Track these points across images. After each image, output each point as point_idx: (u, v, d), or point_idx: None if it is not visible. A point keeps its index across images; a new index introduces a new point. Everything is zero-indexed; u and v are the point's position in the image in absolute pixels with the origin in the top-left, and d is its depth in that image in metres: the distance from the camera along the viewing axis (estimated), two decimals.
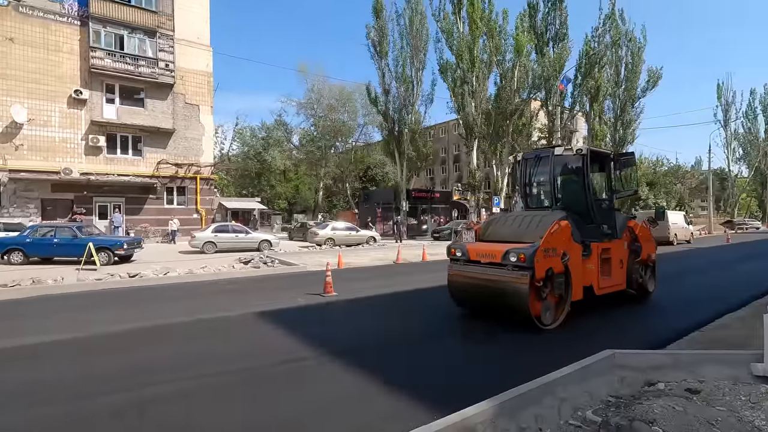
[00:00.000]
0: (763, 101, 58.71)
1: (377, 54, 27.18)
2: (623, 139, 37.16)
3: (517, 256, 5.72)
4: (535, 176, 7.82)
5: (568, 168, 7.45)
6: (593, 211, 7.01)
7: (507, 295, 5.85)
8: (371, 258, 17.01)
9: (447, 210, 33.07)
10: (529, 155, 7.92)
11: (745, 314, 6.83)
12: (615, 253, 7.22)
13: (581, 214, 6.85)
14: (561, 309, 6.19)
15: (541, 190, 8.00)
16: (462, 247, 6.72)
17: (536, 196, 8.02)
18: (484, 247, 6.55)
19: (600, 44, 31.16)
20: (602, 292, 6.92)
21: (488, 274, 6.14)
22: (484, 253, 6.36)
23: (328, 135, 43.64)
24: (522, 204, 8.07)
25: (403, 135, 27.87)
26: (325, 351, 4.99)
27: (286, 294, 8.72)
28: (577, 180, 7.25)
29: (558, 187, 7.43)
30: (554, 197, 7.35)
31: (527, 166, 7.77)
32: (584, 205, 7.01)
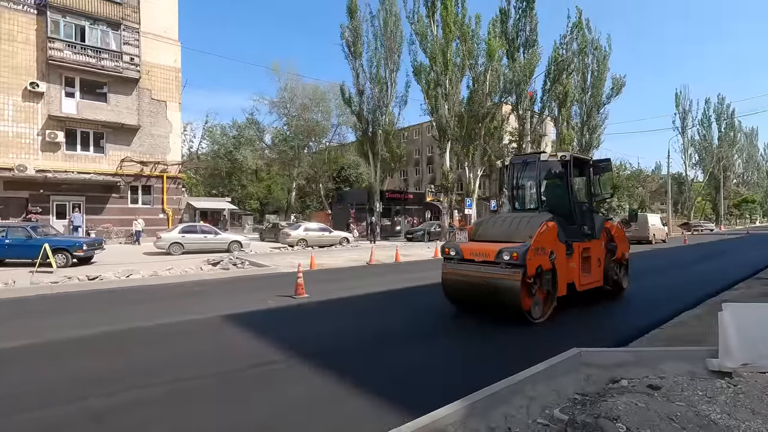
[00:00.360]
0: (716, 110, 62.28)
1: (351, 54, 27.08)
2: (589, 144, 38.48)
3: (510, 254, 6.10)
4: (522, 180, 8.27)
5: (552, 173, 7.90)
6: (575, 213, 7.51)
7: (500, 291, 6.18)
8: (344, 259, 16.88)
9: (420, 211, 33.29)
10: (516, 160, 8.32)
11: (701, 312, 7.17)
12: (594, 252, 7.72)
13: (564, 216, 7.26)
14: (548, 304, 6.59)
15: (527, 192, 8.42)
16: (456, 247, 7.05)
17: (523, 199, 8.40)
18: (478, 246, 6.87)
19: (568, 51, 32.18)
20: (583, 288, 7.39)
21: (482, 271, 6.47)
22: (478, 252, 6.69)
23: (302, 135, 43.11)
24: (509, 206, 8.45)
25: (377, 136, 27.85)
26: (295, 353, 4.89)
27: (256, 296, 8.51)
28: (560, 184, 7.78)
29: (543, 190, 7.96)
30: (540, 200, 7.87)
31: (515, 170, 8.16)
32: (567, 207, 7.50)
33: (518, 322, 6.15)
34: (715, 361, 3.97)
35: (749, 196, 73.45)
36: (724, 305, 4.11)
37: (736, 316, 3.97)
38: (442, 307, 7.77)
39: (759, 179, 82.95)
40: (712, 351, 4.20)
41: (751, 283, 10.29)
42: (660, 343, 5.45)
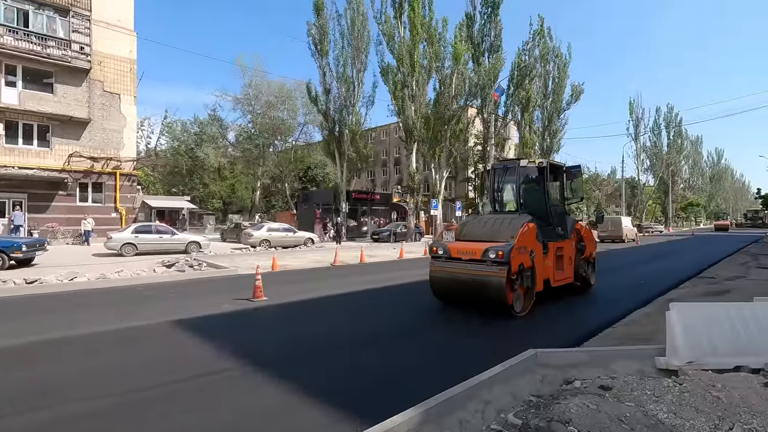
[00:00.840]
0: (666, 119, 66.16)
1: (318, 52, 26.69)
2: (550, 148, 39.84)
3: (495, 253, 6.59)
4: (502, 183, 8.92)
5: (530, 178, 8.60)
6: (550, 215, 8.18)
7: (487, 287, 6.65)
8: (308, 260, 16.57)
9: (387, 212, 33.29)
10: (497, 165, 9.00)
11: (651, 311, 7.46)
12: (566, 251, 8.35)
13: (541, 218, 7.83)
14: (528, 299, 7.11)
15: (507, 196, 9.02)
16: (444, 246, 7.44)
17: (503, 201, 8.98)
18: (464, 245, 7.28)
19: (530, 57, 33.13)
20: (557, 284, 7.97)
21: (469, 269, 6.92)
22: (465, 251, 7.11)
23: (267, 133, 42.12)
24: (490, 208, 9.02)
25: (343, 135, 27.58)
26: (248, 361, 4.65)
27: (212, 299, 8.13)
28: (537, 188, 8.42)
29: (522, 193, 8.52)
30: (519, 202, 8.45)
31: (496, 174, 8.83)
32: (543, 209, 8.15)
33: (493, 317, 6.16)
34: (662, 360, 4.09)
35: (694, 199, 78.50)
36: (671, 305, 4.24)
37: (681, 315, 4.10)
38: (407, 309, 7.72)
39: (703, 184, 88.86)
40: (660, 349, 4.33)
41: (695, 281, 10.87)
42: (613, 341, 5.60)
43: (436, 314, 7.33)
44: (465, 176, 44.05)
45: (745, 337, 4.05)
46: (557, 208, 8.61)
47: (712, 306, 4.28)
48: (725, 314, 4.16)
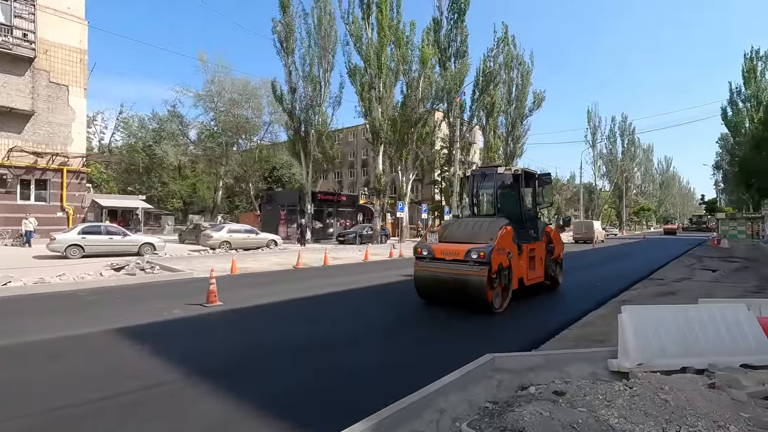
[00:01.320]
0: (621, 127, 69.71)
1: (284, 50, 26.14)
2: (513, 153, 40.94)
3: (477, 253, 7.01)
4: (480, 189, 9.52)
5: (505, 184, 9.14)
6: (524, 218, 8.80)
7: (469, 285, 7.07)
8: (270, 263, 16.11)
9: (353, 214, 33.04)
10: (476, 172, 9.52)
11: (605, 312, 7.67)
12: (538, 252, 8.97)
13: (516, 221, 8.31)
14: (506, 296, 7.60)
15: (485, 200, 9.62)
16: (428, 247, 7.83)
17: (481, 205, 9.55)
18: (448, 246, 7.67)
19: (495, 64, 33.92)
20: (529, 282, 8.55)
21: (452, 268, 7.34)
22: (449, 252, 7.51)
23: (230, 131, 40.82)
24: (469, 211, 9.53)
25: (309, 135, 27.15)
26: (193, 371, 4.34)
27: (161, 305, 7.65)
28: (513, 194, 9.06)
29: (498, 198, 9.11)
30: (496, 206, 9.04)
31: (475, 180, 9.38)
32: (518, 213, 8.74)
33: (464, 316, 6.09)
34: (614, 362, 4.14)
35: (646, 204, 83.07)
36: (623, 308, 4.31)
37: (632, 318, 4.18)
38: (370, 313, 7.56)
39: (653, 190, 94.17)
40: (612, 351, 4.40)
41: (646, 283, 11.35)
42: (569, 343, 5.67)
43: (404, 317, 7.22)
44: (431, 179, 44.52)
45: (691, 338, 4.17)
46: (530, 212, 9.24)
47: (661, 309, 4.39)
48: (673, 316, 4.27)
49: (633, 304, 8.46)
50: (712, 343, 4.19)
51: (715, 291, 9.81)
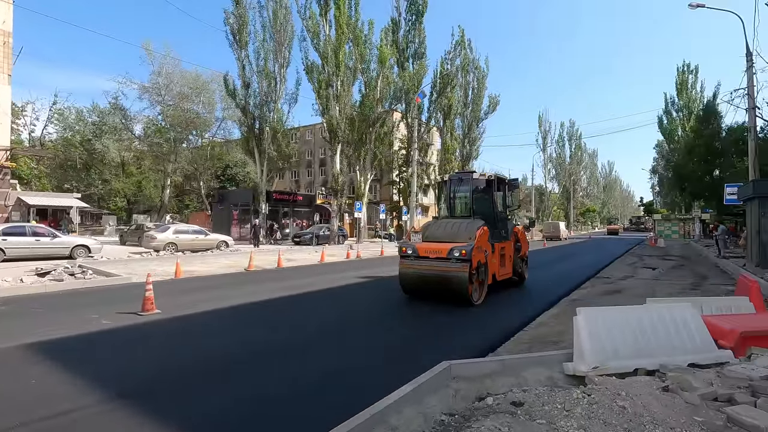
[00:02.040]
0: (569, 132, 73.30)
1: (236, 43, 25.03)
2: (469, 155, 41.80)
3: (459, 251, 7.64)
4: (457, 192, 10.15)
5: (479, 188, 9.81)
6: (496, 220, 9.52)
7: (451, 281, 7.73)
8: (220, 265, 15.27)
9: (310, 213, 32.31)
10: (453, 176, 10.18)
11: (558, 311, 7.76)
12: (507, 250, 9.71)
13: (489, 222, 8.90)
14: (482, 290, 8.29)
15: (460, 203, 10.22)
16: (412, 246, 8.41)
17: (456, 208, 10.18)
18: (431, 245, 8.28)
19: (452, 66, 34.41)
20: (500, 278, 9.23)
21: (436, 266, 7.95)
22: (432, 250, 8.12)
23: (179, 126, 38.67)
24: (446, 213, 10.21)
25: (264, 132, 26.18)
26: (115, 392, 3.81)
27: (89, 315, 6.88)
28: (486, 197, 9.82)
29: (473, 201, 9.75)
30: (471, 209, 9.64)
31: (452, 184, 10.04)
32: (491, 215, 9.44)
33: (430, 316, 5.83)
34: (570, 365, 4.06)
35: (591, 206, 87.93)
36: (578, 310, 4.25)
37: (587, 320, 4.12)
38: (323, 318, 7.18)
39: (598, 192, 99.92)
40: (567, 354, 4.33)
41: (594, 282, 11.75)
42: (524, 345, 5.61)
43: (360, 323, 6.89)
44: (390, 179, 44.53)
45: (643, 339, 4.17)
46: (501, 214, 10.01)
47: (614, 311, 4.37)
48: (625, 318, 4.26)
49: (583, 303, 8.70)
50: (662, 344, 4.22)
51: (657, 288, 10.30)
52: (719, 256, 18.10)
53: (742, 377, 3.48)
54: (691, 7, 17.18)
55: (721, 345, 4.54)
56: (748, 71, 16.29)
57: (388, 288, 10.73)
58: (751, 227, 14.05)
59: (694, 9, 17.18)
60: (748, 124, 16.84)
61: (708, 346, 4.35)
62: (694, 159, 31.19)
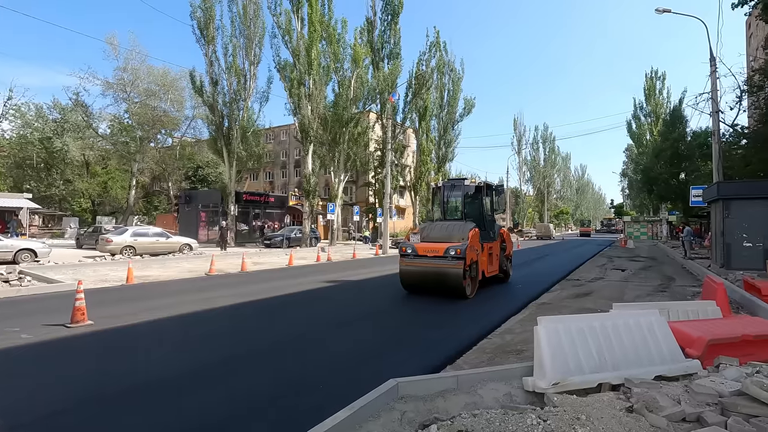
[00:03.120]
0: (543, 136, 74.58)
1: (203, 38, 24.08)
2: (445, 157, 41.79)
3: (455, 250, 8.53)
4: (450, 197, 11.13)
5: (470, 193, 10.72)
6: (485, 222, 10.53)
7: (448, 276, 8.61)
8: (180, 270, 14.47)
9: (282, 215, 31.49)
10: (447, 183, 11.42)
11: (525, 316, 7.46)
12: (494, 250, 10.68)
13: (479, 224, 9.88)
14: (474, 285, 9.20)
15: (453, 207, 11.14)
16: (411, 246, 9.26)
17: (450, 211, 11.06)
18: (429, 245, 9.11)
19: (427, 67, 34.26)
20: (489, 275, 10.17)
21: (433, 263, 8.81)
22: (430, 249, 8.96)
23: (147, 124, 37.13)
24: (440, 216, 11.09)
25: (233, 131, 25.29)
26: (20, 421, 3.21)
27: (9, 327, 6.13)
28: (476, 201, 10.77)
29: (465, 205, 10.73)
30: (463, 212, 10.68)
31: (445, 189, 11.09)
32: (480, 218, 10.46)
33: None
34: (529, 381, 3.70)
35: (564, 208, 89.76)
36: (539, 320, 3.90)
37: (548, 331, 3.77)
38: (274, 329, 6.64)
39: (571, 195, 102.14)
40: (528, 367, 3.98)
41: (564, 284, 11.58)
42: (486, 355, 5.25)
43: (317, 333, 6.38)
44: (365, 181, 44.06)
45: (607, 350, 3.86)
46: (489, 216, 10.95)
47: (577, 319, 4.04)
48: (589, 327, 3.93)
49: (551, 306, 8.47)
50: (628, 354, 3.91)
51: (626, 290, 10.20)
52: (685, 257, 18.41)
53: (711, 393, 3.18)
54: (658, 11, 17.42)
55: (689, 354, 4.29)
56: (711, 76, 16.61)
57: (351, 293, 10.30)
58: (715, 229, 14.25)
59: (660, 14, 17.41)
60: (711, 128, 17.18)
61: (675, 356, 4.07)
62: (661, 162, 31.97)
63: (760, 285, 7.86)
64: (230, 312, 7.75)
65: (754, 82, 16.27)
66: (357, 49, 27.12)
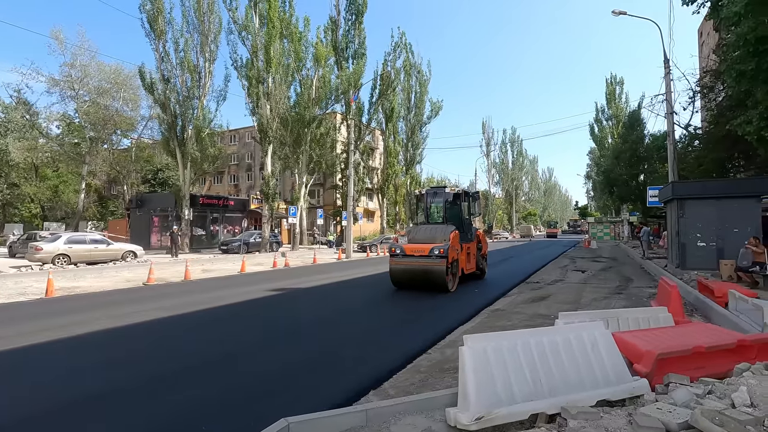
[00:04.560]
0: (511, 139, 75.75)
1: (153, 32, 22.69)
2: (413, 159, 41.50)
3: (438, 250, 9.64)
4: (432, 203, 12.22)
5: (450, 200, 11.85)
6: (464, 224, 11.63)
7: (433, 273, 9.74)
8: (117, 279, 13.30)
9: (243, 219, 30.20)
10: (429, 190, 12.54)
11: (474, 325, 6.90)
12: (472, 250, 11.90)
13: (458, 227, 10.95)
14: (455, 281, 10.39)
15: (435, 211, 12.21)
16: (400, 247, 10.42)
17: (432, 215, 12.15)
18: (415, 246, 10.22)
19: (393, 68, 33.85)
20: (467, 272, 11.46)
21: (420, 261, 9.93)
22: (417, 250, 10.05)
23: (98, 124, 34.91)
24: (424, 220, 12.09)
25: (186, 131, 23.96)
26: None
27: None
28: (456, 206, 11.85)
29: (446, 210, 11.82)
30: (444, 216, 11.74)
31: (428, 196, 12.26)
32: (460, 221, 11.50)
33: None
34: (452, 413, 3.08)
35: (532, 210, 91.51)
36: (464, 338, 3.29)
37: (475, 353, 3.16)
38: (191, 349, 5.79)
39: (539, 197, 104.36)
40: (454, 395, 3.37)
41: (522, 288, 11.18)
42: (420, 376, 4.61)
43: (240, 354, 5.58)
44: (332, 183, 43.19)
45: (543, 373, 3.29)
46: (467, 220, 12.05)
47: (509, 336, 3.47)
48: (523, 345, 3.36)
49: (505, 313, 7.97)
50: (568, 376, 3.36)
51: (583, 293, 9.88)
52: (644, 257, 18.57)
53: (656, 426, 2.65)
54: (614, 13, 17.55)
55: (637, 370, 3.80)
56: (665, 78, 16.83)
57: (294, 304, 9.52)
58: (670, 229, 14.31)
59: (617, 16, 17.54)
60: (667, 129, 17.40)
61: (621, 374, 3.56)
62: (621, 164, 32.70)
63: (714, 286, 7.64)
64: (143, 330, 6.80)
65: (706, 83, 16.55)
66: (319, 48, 26.36)
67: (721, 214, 11.88)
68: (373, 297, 9.98)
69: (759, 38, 9.12)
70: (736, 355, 4.27)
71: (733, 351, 4.24)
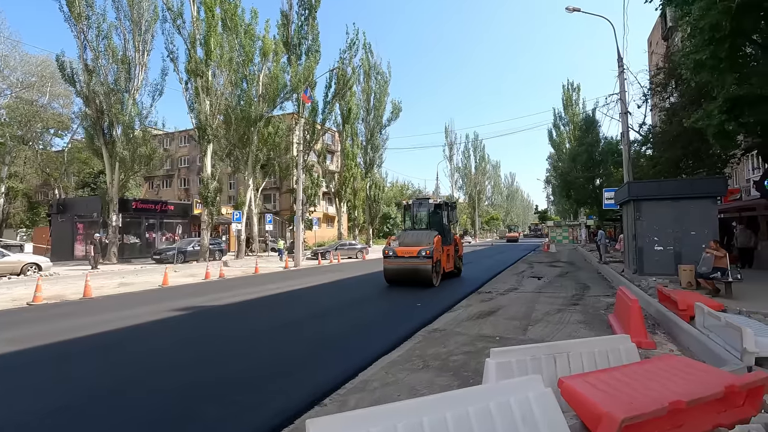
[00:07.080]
0: (473, 144, 76.17)
1: (72, 16, 20.22)
2: (373, 161, 40.24)
3: (425, 252, 11.60)
4: (418, 211, 14.36)
5: (432, 209, 13.90)
6: (444, 230, 13.44)
7: (420, 271, 11.65)
8: (2, 299, 11.11)
9: (186, 226, 27.77)
10: (415, 201, 14.67)
11: (400, 354, 5.53)
12: (450, 252, 13.45)
13: (440, 232, 12.73)
14: (438, 278, 12.15)
15: (420, 218, 14.24)
16: (392, 249, 12.19)
17: (418, 222, 14.28)
18: (405, 248, 12.03)
19: (350, 65, 32.52)
20: (447, 271, 13.00)
21: (409, 261, 11.78)
22: (406, 252, 11.90)
23: (21, 121, 31.49)
24: (410, 226, 14.26)
25: (114, 128, 21.56)
26: None
27: None
28: (438, 214, 13.86)
29: (430, 217, 13.92)
30: (428, 223, 13.84)
31: (414, 206, 14.42)
32: (441, 227, 13.33)
33: None
34: None
35: (495, 214, 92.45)
36: (307, 426, 1.88)
37: None
38: (51, 389, 4.06)
39: (501, 201, 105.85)
40: None
41: (472, 299, 10.00)
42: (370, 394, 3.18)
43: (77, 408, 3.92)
44: (289, 187, 41.19)
45: None
46: (446, 226, 13.95)
47: (386, 415, 2.09)
48: (440, 421, 2.00)
49: (444, 334, 6.65)
50: None
51: (536, 305, 8.81)
52: (600, 262, 18.02)
53: None
54: (568, 10, 17.01)
55: None
56: (619, 77, 16.37)
57: (187, 332, 7.79)
58: (627, 231, 13.66)
59: (570, 12, 17.02)
60: (621, 129, 16.96)
61: None
62: (577, 166, 32.79)
63: (677, 297, 6.66)
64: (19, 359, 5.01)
65: (658, 80, 16.22)
66: (266, 41, 24.63)
67: (678, 216, 11.23)
68: (286, 320, 8.47)
69: (713, 25, 8.46)
70: (721, 404, 3.13)
71: (719, 399, 3.11)
